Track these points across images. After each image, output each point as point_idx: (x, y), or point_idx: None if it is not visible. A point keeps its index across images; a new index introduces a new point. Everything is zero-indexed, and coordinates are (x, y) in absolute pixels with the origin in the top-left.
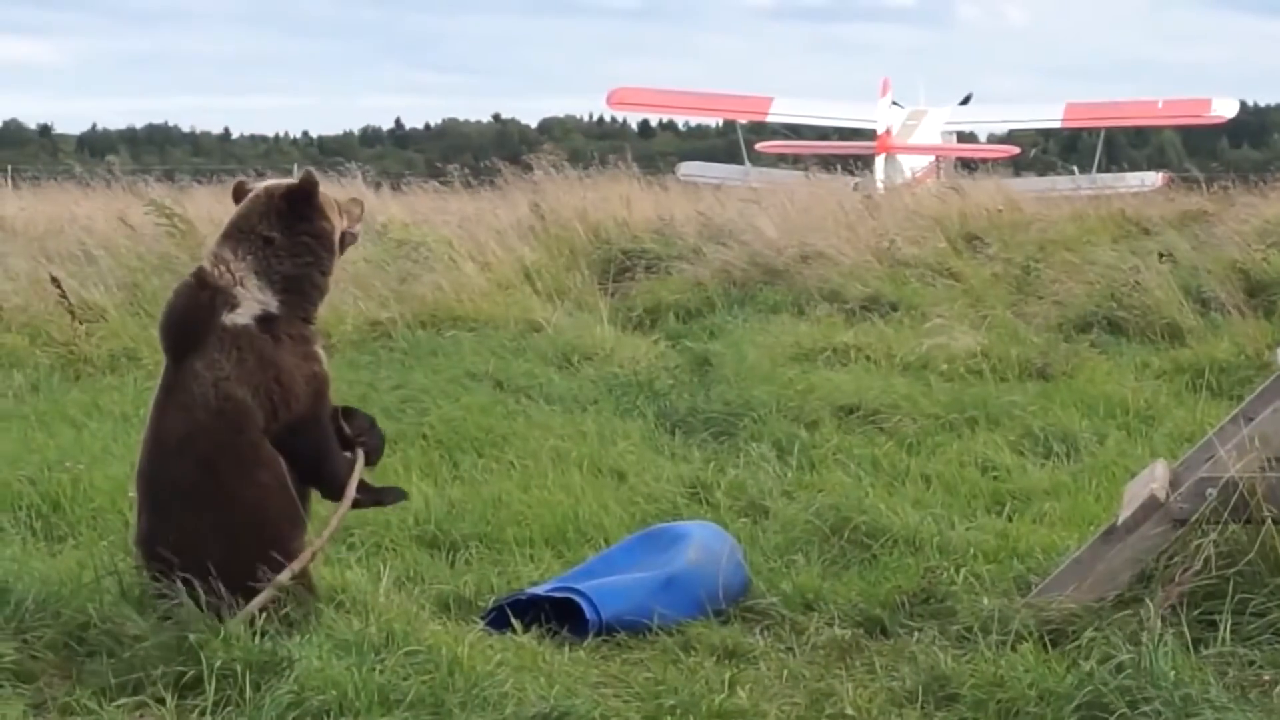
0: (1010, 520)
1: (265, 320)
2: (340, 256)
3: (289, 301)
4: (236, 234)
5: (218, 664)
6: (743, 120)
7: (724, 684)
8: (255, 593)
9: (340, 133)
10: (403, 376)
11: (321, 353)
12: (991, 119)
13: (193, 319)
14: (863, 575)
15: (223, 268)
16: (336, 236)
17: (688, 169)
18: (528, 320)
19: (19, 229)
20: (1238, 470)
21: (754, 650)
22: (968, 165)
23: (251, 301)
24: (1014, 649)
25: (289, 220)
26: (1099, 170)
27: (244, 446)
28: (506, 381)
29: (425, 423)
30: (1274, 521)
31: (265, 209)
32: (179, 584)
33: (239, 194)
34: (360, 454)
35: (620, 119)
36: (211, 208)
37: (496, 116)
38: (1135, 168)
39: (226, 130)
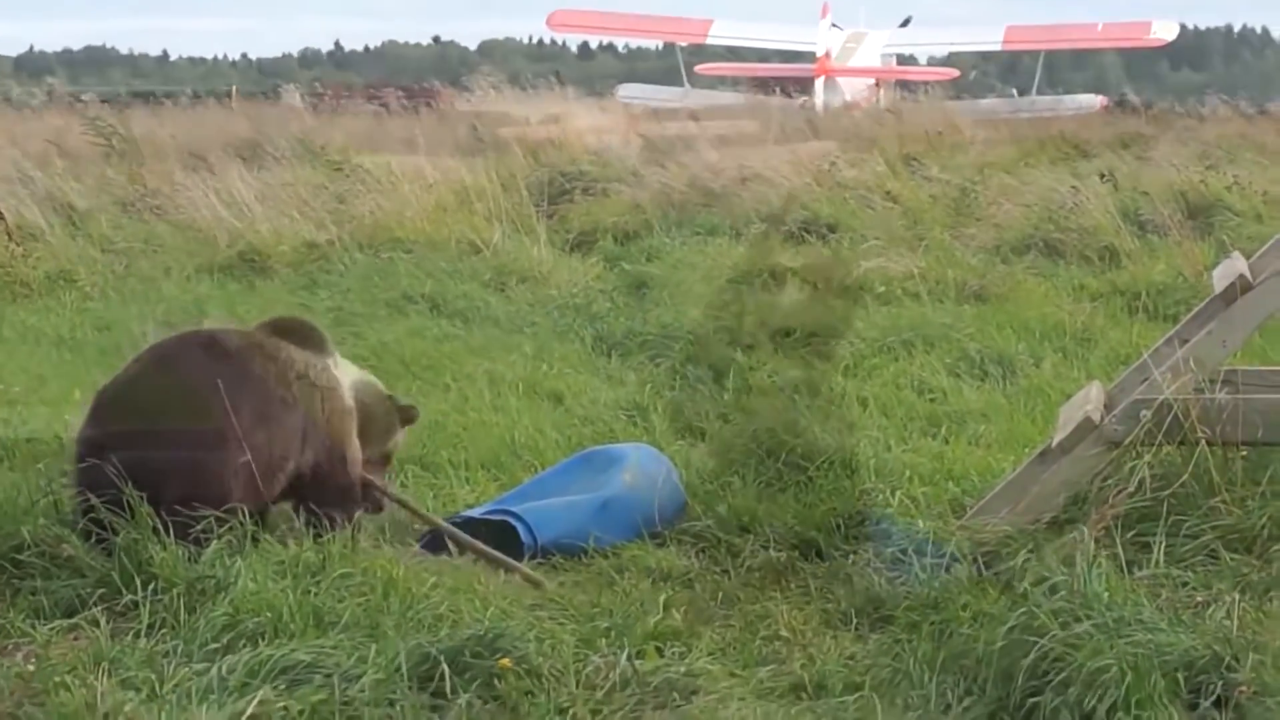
0: (946, 443)
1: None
2: None
3: None
4: None
5: (152, 586)
6: (682, 43)
7: (659, 606)
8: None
9: (279, 55)
10: (340, 299)
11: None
12: (931, 42)
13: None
14: (798, 498)
15: None
16: None
17: (627, 91)
18: (467, 242)
19: None
20: (1172, 392)
21: (689, 572)
22: (907, 88)
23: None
24: (948, 571)
25: None
26: (1038, 93)
27: (255, 408)
28: (443, 304)
29: (362, 345)
30: (1208, 443)
31: None
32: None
33: None
34: None
35: (560, 41)
36: (152, 129)
37: (436, 39)
38: (1075, 91)
39: (165, 52)
